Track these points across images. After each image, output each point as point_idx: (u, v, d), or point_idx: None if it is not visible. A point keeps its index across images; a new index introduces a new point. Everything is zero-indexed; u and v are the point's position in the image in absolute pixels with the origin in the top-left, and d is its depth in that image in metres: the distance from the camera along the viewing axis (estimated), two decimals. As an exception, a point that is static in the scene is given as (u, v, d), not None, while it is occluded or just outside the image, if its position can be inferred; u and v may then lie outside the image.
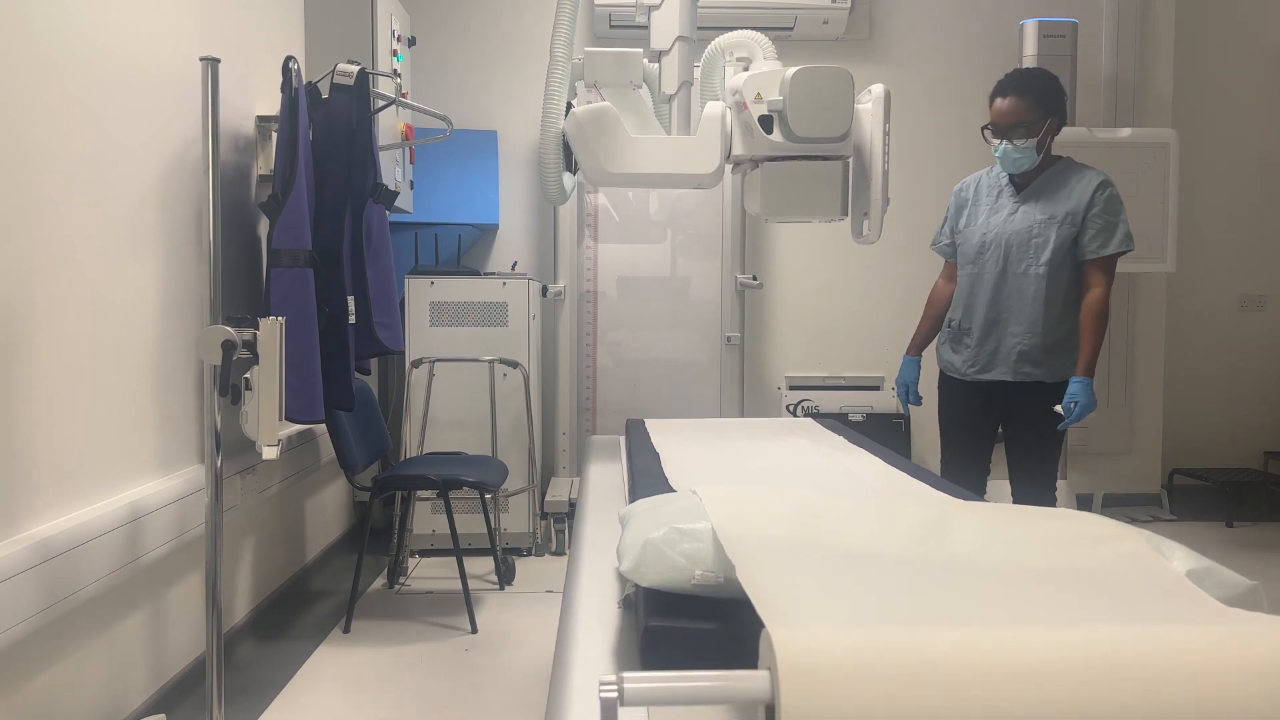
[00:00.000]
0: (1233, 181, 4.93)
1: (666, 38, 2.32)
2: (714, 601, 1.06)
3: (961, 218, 2.99)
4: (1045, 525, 1.21)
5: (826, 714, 0.71)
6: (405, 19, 3.72)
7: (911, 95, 4.69)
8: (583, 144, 2.17)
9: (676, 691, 0.75)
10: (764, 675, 0.75)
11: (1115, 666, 0.75)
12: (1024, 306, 2.82)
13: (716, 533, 1.09)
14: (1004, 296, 2.86)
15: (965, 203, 3.00)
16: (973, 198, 2.98)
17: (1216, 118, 4.85)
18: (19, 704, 1.87)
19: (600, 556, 1.42)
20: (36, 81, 1.90)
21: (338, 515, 4.00)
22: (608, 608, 1.22)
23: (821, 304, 4.72)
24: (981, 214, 2.93)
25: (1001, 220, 2.87)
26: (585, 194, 4.42)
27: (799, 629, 0.78)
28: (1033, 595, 0.99)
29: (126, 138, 2.24)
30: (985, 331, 2.89)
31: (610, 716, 0.71)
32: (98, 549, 2.04)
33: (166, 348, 2.43)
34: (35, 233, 1.90)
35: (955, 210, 3.03)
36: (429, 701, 2.67)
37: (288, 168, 2.65)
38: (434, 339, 3.94)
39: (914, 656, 0.75)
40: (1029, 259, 2.82)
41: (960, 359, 2.96)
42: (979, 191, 2.98)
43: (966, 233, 2.95)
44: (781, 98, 2.05)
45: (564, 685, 1.02)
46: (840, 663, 0.74)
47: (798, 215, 2.23)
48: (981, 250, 2.89)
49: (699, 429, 2.54)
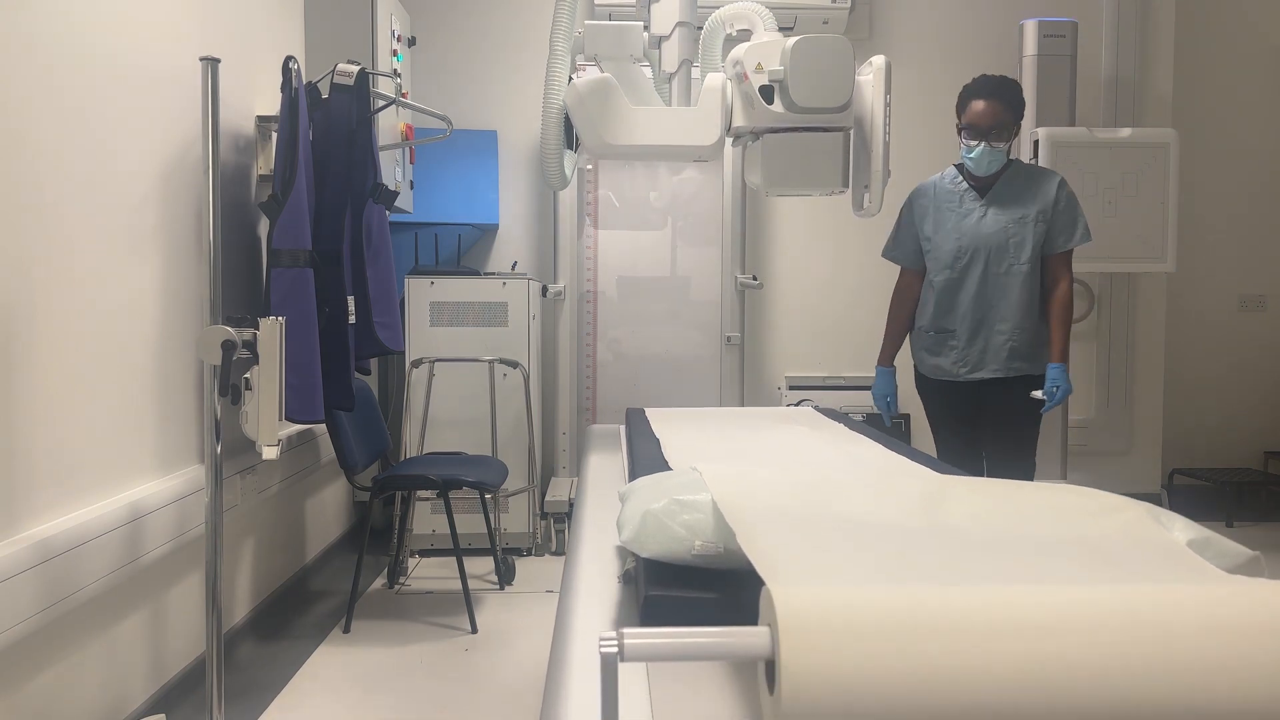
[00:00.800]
0: (1233, 181, 4.92)
1: (667, 23, 2.32)
2: (714, 573, 1.06)
3: (925, 225, 3.02)
4: (1045, 497, 1.21)
5: (826, 669, 0.71)
6: (405, 19, 3.72)
7: (911, 95, 4.68)
8: (583, 115, 2.15)
9: (676, 647, 0.75)
10: (764, 631, 0.75)
11: (1117, 622, 0.75)
12: (1010, 304, 2.91)
13: (716, 503, 1.08)
14: (988, 296, 2.92)
15: (926, 210, 3.02)
16: (933, 205, 3.01)
17: (1216, 118, 4.85)
18: (19, 704, 1.87)
19: (601, 535, 1.41)
20: (36, 82, 1.90)
21: (338, 515, 4.00)
22: (608, 584, 1.22)
23: (821, 304, 4.72)
24: (949, 220, 2.97)
25: (974, 224, 2.93)
26: (585, 181, 4.41)
27: (799, 586, 0.77)
28: (1032, 561, 0.99)
29: (126, 138, 2.24)
30: (973, 332, 2.95)
31: (610, 672, 0.70)
32: (98, 549, 2.04)
33: (166, 348, 2.43)
34: (35, 233, 1.90)
35: (918, 217, 3.04)
36: (429, 701, 2.67)
37: (288, 168, 2.65)
38: (434, 339, 3.94)
39: (914, 612, 0.75)
40: (1010, 258, 2.90)
41: (948, 361, 3.00)
42: (938, 198, 3.01)
43: (937, 239, 2.98)
44: (782, 67, 2.05)
45: (563, 654, 1.01)
46: (840, 618, 0.74)
47: (798, 187, 2.23)
48: (959, 255, 2.94)
49: (699, 417, 2.54)
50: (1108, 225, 4.06)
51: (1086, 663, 0.72)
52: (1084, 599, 0.77)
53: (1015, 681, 0.72)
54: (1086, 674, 0.72)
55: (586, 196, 4.44)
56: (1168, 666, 0.73)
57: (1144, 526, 1.07)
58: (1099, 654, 0.73)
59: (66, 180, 2.01)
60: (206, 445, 2.14)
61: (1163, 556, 1.00)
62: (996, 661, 0.72)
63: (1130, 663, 0.73)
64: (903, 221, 3.10)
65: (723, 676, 0.91)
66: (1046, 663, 0.72)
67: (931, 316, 3.01)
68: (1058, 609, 0.76)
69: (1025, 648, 0.73)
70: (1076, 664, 0.72)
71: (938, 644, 0.72)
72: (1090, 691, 0.72)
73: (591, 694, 0.86)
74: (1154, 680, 0.73)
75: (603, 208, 4.46)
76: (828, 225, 4.65)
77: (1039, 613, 0.76)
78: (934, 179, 3.07)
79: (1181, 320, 4.89)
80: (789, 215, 4.71)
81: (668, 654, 0.75)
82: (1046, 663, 0.72)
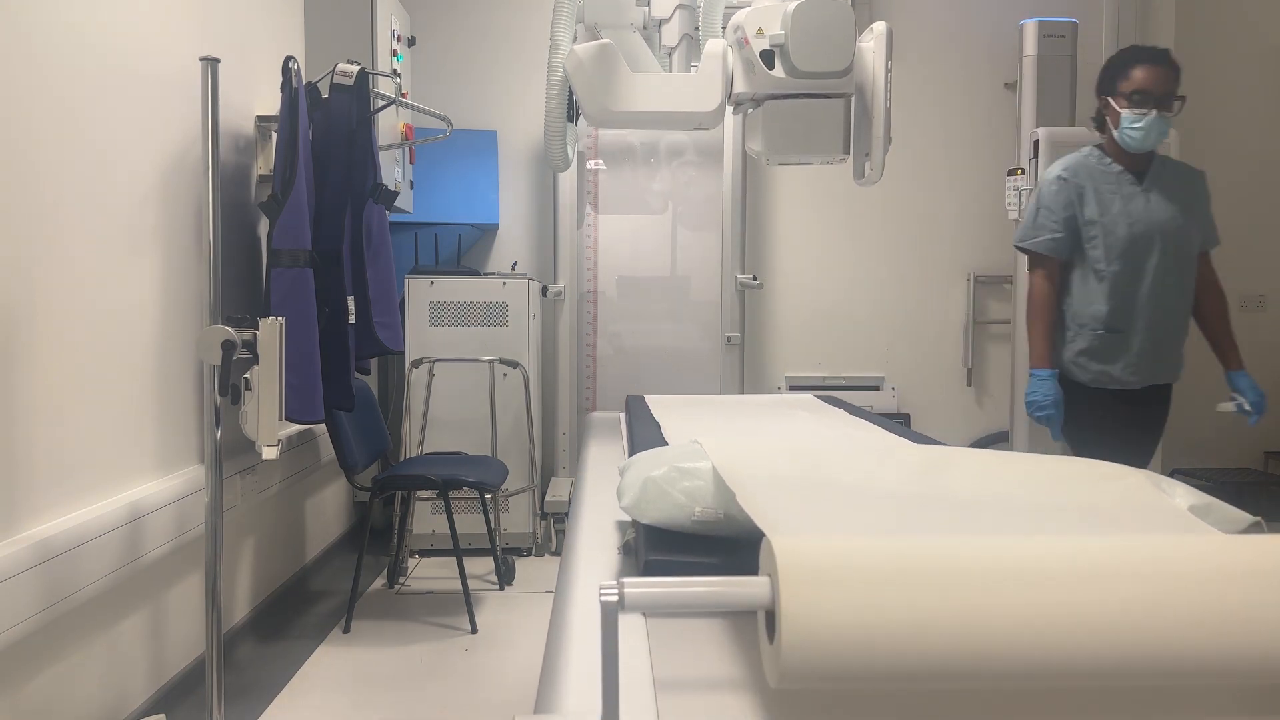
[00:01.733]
0: (1232, 181, 4.91)
1: (667, 6, 2.32)
2: (714, 540, 1.05)
3: (1086, 207, 2.60)
4: (1045, 465, 1.20)
5: (826, 617, 0.70)
6: (405, 19, 3.72)
7: (911, 95, 4.69)
8: (583, 81, 2.14)
9: (676, 596, 0.75)
10: (764, 581, 0.75)
11: (1117, 569, 0.75)
12: (1182, 301, 2.64)
13: (717, 469, 1.08)
14: (1166, 291, 2.59)
15: (1084, 189, 2.61)
16: (1090, 184, 2.61)
17: (1216, 118, 4.85)
18: (19, 704, 1.87)
19: (600, 513, 1.40)
20: (36, 82, 1.90)
21: (338, 515, 4.00)
22: (609, 556, 1.21)
23: (821, 304, 4.72)
24: (1114, 202, 2.58)
25: (1144, 209, 2.58)
26: (585, 163, 4.42)
27: (799, 537, 0.77)
28: (1031, 521, 0.99)
29: (126, 138, 2.24)
30: (1149, 331, 2.61)
31: (610, 621, 0.70)
32: (98, 549, 2.04)
33: (166, 348, 2.42)
34: (35, 233, 1.90)
35: (1075, 198, 2.61)
36: (429, 701, 2.67)
37: (288, 168, 2.65)
38: (434, 339, 3.94)
39: (914, 560, 0.74)
40: (1185, 249, 2.61)
41: (1118, 367, 2.63)
42: (1093, 177, 2.62)
43: (1106, 224, 2.58)
44: (783, 32, 2.04)
45: (563, 616, 1.01)
46: (840, 567, 0.73)
47: (799, 154, 2.20)
48: (1132, 242, 2.56)
49: (699, 403, 2.53)
50: (1108, 225, 4.05)
51: (1087, 609, 0.72)
52: (1083, 547, 0.77)
53: (1015, 628, 0.71)
54: (1087, 620, 0.72)
55: (587, 183, 4.44)
56: (1168, 613, 0.72)
57: (1145, 492, 1.07)
58: (1099, 601, 0.72)
59: (66, 180, 2.01)
60: (206, 445, 2.14)
61: (1163, 520, 1.00)
62: (996, 608, 0.72)
63: (1130, 609, 0.72)
64: (1049, 204, 2.65)
65: (722, 636, 0.91)
66: (1046, 609, 0.72)
67: (1105, 314, 2.60)
68: (1058, 557, 0.75)
69: (1025, 595, 0.72)
70: (1076, 610, 0.72)
71: (937, 591, 0.72)
72: (1090, 638, 0.71)
73: (591, 649, 0.85)
74: (1155, 627, 0.72)
75: (603, 192, 4.46)
76: (828, 224, 4.65)
77: (1039, 560, 0.75)
78: (1074, 157, 2.68)
79: (1181, 320, 4.88)
80: (790, 215, 4.71)
81: (667, 603, 0.75)
82: (1046, 609, 0.72)
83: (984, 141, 4.72)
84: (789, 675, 0.71)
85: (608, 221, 4.49)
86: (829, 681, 0.72)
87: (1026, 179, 4.00)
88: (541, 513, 4.10)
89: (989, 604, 0.72)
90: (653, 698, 0.78)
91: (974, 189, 4.74)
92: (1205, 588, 0.74)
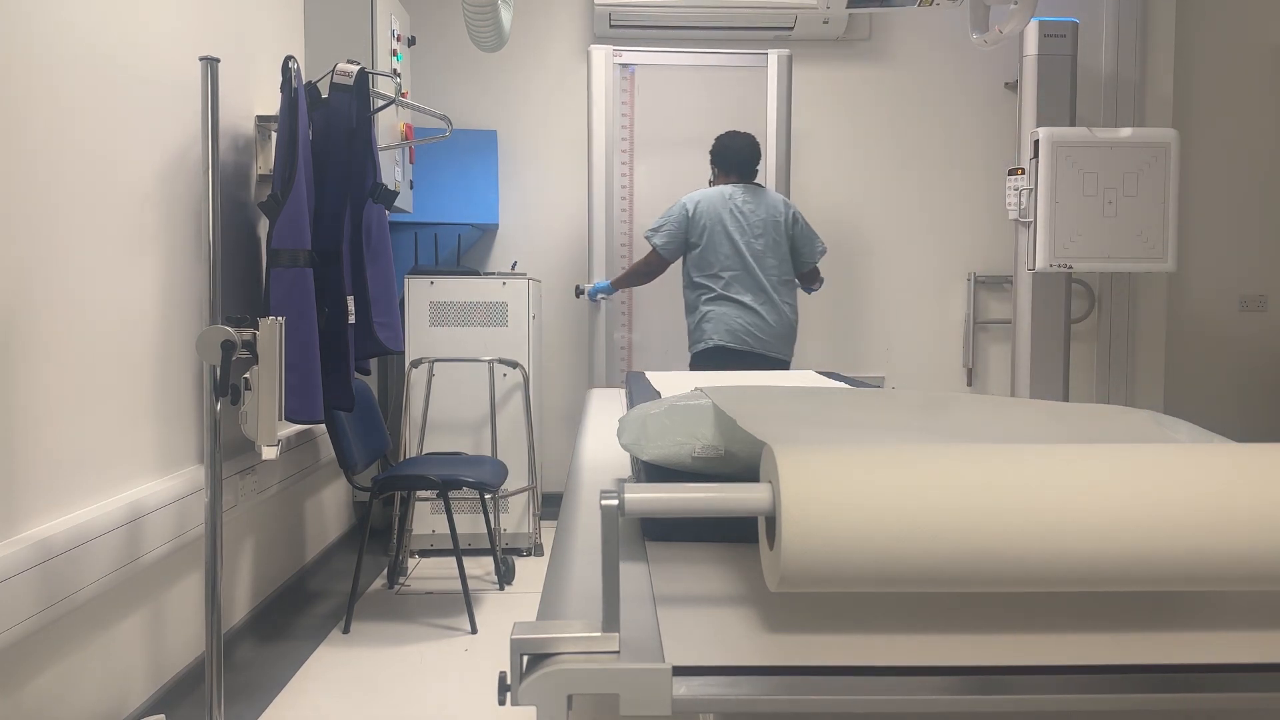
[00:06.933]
0: (1233, 181, 4.92)
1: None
2: (715, 478, 1.04)
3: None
4: (1048, 405, 1.19)
5: (828, 523, 0.70)
6: (405, 19, 3.72)
7: (911, 95, 4.69)
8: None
9: (676, 502, 0.75)
10: (765, 487, 0.74)
11: (1122, 472, 0.74)
12: None
13: (716, 404, 1.06)
14: None
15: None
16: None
17: (1216, 118, 4.85)
18: (19, 704, 1.87)
19: (600, 472, 1.39)
20: (36, 82, 1.90)
21: (337, 515, 4.00)
22: None
23: (822, 304, 4.72)
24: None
25: None
26: (620, 100, 4.40)
27: (800, 445, 0.77)
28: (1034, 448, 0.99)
29: (126, 138, 2.24)
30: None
31: (610, 523, 0.69)
32: (97, 549, 2.04)
33: (166, 348, 2.42)
34: (35, 233, 1.90)
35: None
36: (429, 701, 2.67)
37: (287, 167, 2.64)
38: (434, 339, 3.94)
39: (915, 465, 0.74)
40: None
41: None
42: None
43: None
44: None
45: (566, 543, 1.00)
46: (840, 473, 0.73)
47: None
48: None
49: (699, 379, 2.54)
50: (1108, 225, 4.06)
51: (1090, 509, 0.72)
52: (1088, 451, 0.76)
53: (1018, 528, 0.71)
54: (1090, 520, 0.71)
55: (621, 129, 4.41)
56: (1173, 513, 0.72)
57: (1147, 428, 1.06)
58: (1103, 501, 0.72)
59: (66, 180, 2.00)
60: (206, 445, 2.14)
61: None
62: (999, 508, 0.71)
63: (1134, 510, 0.72)
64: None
65: (725, 570, 0.91)
66: (1050, 510, 0.71)
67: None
68: (1062, 459, 0.75)
69: (1028, 495, 0.72)
70: (1079, 510, 0.71)
71: (939, 495, 0.72)
72: (1094, 538, 0.71)
73: (593, 569, 0.85)
74: (1160, 528, 0.72)
75: (638, 134, 4.46)
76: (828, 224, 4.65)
77: (1042, 463, 0.75)
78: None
79: (1181, 320, 4.89)
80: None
81: (667, 509, 0.75)
82: (1050, 510, 0.71)
83: (984, 141, 4.72)
84: (790, 578, 0.71)
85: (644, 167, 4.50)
86: (830, 585, 0.72)
87: (1026, 179, 4.01)
88: (541, 513, 4.10)
89: (992, 504, 0.72)
90: (653, 612, 0.78)
91: (974, 189, 4.74)
92: (1212, 488, 0.73)
